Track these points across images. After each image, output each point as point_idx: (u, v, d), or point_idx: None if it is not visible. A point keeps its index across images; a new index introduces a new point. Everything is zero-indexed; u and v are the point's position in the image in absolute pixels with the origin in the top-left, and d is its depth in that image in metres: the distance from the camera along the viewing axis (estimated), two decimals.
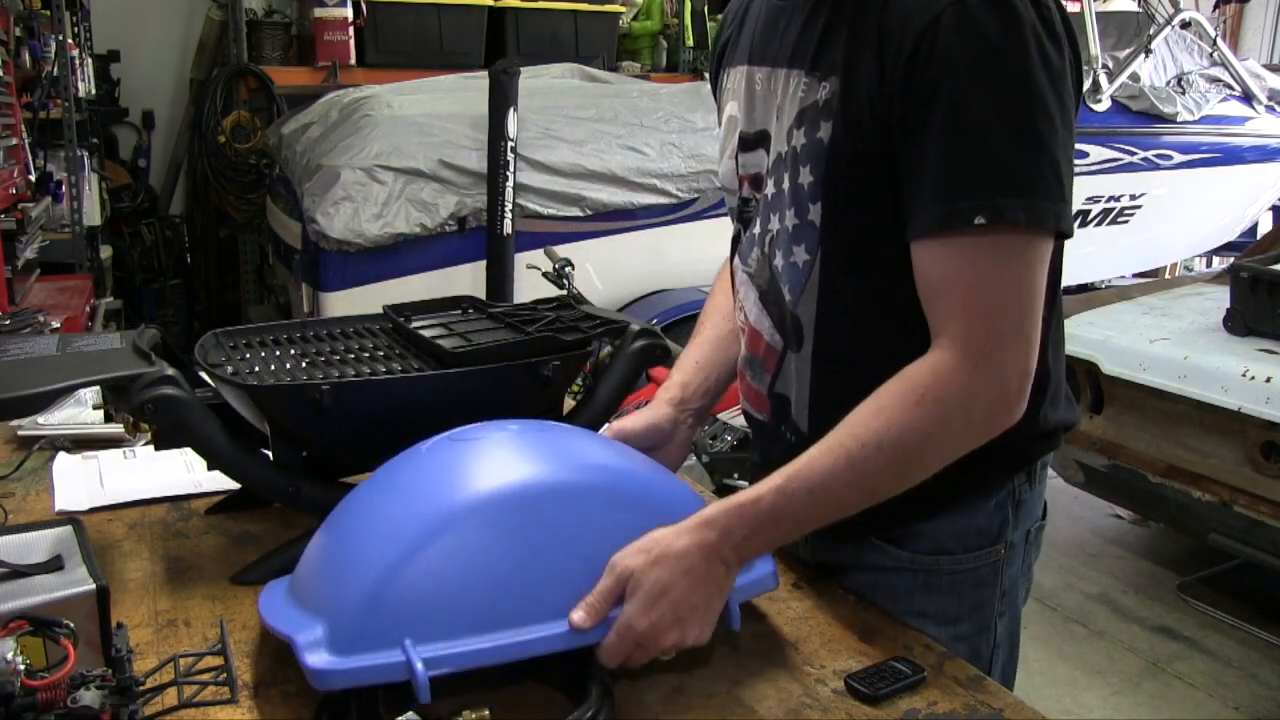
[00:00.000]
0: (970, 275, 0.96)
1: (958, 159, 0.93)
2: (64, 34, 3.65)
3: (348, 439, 1.18)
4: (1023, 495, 1.16)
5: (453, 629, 0.88)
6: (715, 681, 0.99)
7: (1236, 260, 3.35)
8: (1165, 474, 2.94)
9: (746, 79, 1.16)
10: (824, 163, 1.03)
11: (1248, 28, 8.09)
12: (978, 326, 0.95)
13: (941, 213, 0.94)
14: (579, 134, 3.71)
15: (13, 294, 2.98)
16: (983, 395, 0.97)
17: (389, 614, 0.88)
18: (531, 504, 0.93)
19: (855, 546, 1.17)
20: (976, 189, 0.93)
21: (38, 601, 0.86)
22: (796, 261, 1.10)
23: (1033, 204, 0.93)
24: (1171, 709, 2.83)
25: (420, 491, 0.98)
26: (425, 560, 0.89)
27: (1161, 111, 4.62)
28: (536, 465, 0.99)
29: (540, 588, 0.91)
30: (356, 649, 0.87)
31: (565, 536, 0.93)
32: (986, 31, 0.92)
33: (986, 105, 0.92)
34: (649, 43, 5.45)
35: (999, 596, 1.16)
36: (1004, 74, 0.93)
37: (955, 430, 0.98)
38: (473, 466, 0.99)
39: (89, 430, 1.54)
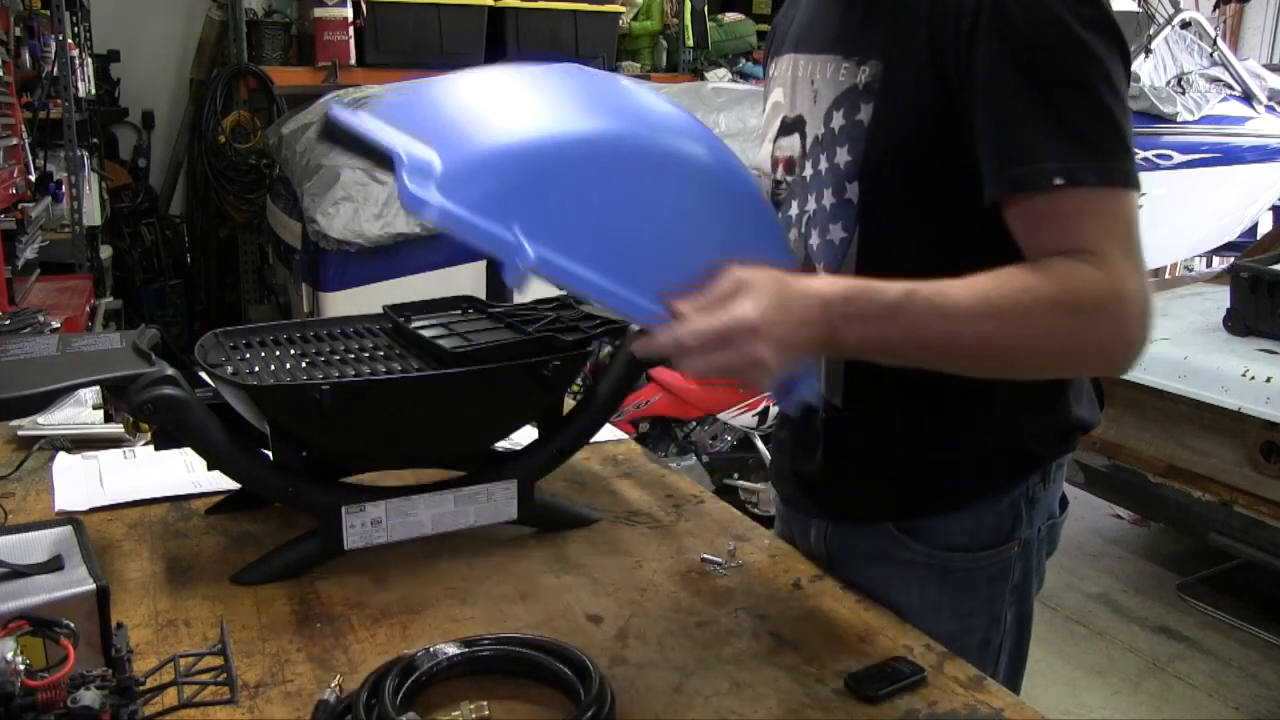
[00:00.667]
0: (1067, 221, 0.96)
1: (1034, 124, 0.96)
2: (64, 34, 3.65)
3: (348, 439, 1.18)
4: (1036, 494, 1.18)
5: (558, 242, 0.81)
6: (715, 681, 0.99)
7: (1236, 260, 3.36)
8: (1165, 474, 2.94)
9: (791, 67, 1.21)
10: (863, 142, 1.08)
11: (1248, 28, 8.09)
12: (1097, 248, 0.95)
13: (1022, 174, 0.96)
14: None
15: (13, 294, 2.98)
16: (1113, 304, 0.94)
17: (516, 191, 0.80)
18: (700, 176, 0.91)
19: (874, 535, 1.20)
20: (1053, 153, 0.95)
21: (38, 601, 0.86)
22: (833, 239, 1.13)
23: (1103, 167, 0.96)
24: (1171, 709, 2.83)
25: (598, 100, 0.92)
26: (566, 161, 0.83)
27: (1161, 111, 4.62)
28: (702, 141, 0.94)
29: (653, 263, 0.87)
30: (467, 203, 0.79)
31: (698, 223, 0.91)
32: (1048, 3, 0.96)
33: (1055, 73, 0.96)
34: (649, 43, 5.45)
35: (1010, 589, 1.20)
36: (1068, 43, 0.96)
37: (1086, 324, 0.95)
38: (648, 104, 0.93)
39: (89, 430, 1.54)
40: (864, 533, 1.21)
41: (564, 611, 1.12)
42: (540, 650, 0.97)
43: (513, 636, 0.99)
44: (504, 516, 1.26)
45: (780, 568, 1.23)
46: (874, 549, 1.20)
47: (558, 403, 1.30)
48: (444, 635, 1.05)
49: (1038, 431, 1.15)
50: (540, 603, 1.13)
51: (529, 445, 1.29)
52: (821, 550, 1.27)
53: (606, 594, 1.15)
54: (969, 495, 1.15)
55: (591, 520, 1.33)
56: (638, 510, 1.38)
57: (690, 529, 1.33)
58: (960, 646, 1.11)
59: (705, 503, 1.41)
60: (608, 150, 0.88)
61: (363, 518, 1.18)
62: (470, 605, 1.12)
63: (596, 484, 1.47)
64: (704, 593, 1.17)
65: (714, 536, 1.30)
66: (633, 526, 1.33)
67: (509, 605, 1.13)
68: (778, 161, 1.22)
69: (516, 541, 1.28)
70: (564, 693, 0.94)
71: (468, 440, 1.28)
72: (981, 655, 1.18)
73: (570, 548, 1.27)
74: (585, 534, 1.30)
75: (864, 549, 1.21)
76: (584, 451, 1.39)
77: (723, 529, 1.33)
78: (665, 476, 1.50)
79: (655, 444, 3.63)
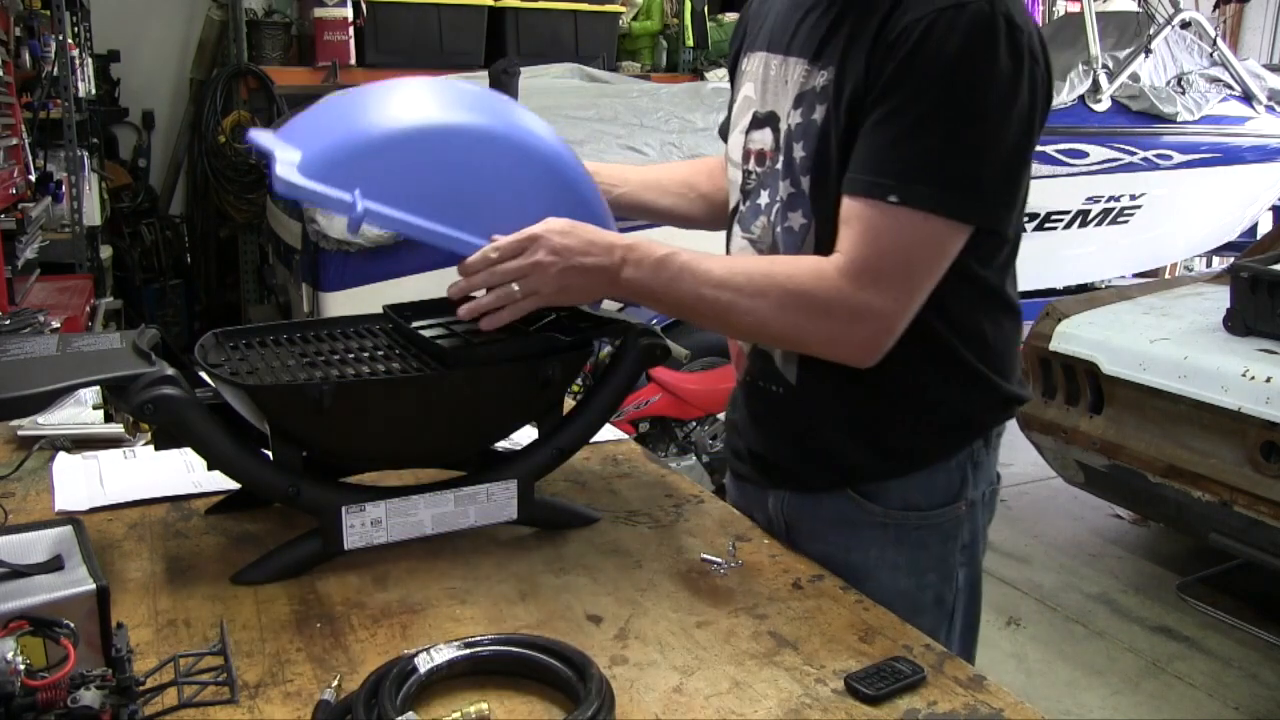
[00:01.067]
0: (875, 231, 1.11)
1: (895, 143, 1.09)
2: (64, 34, 3.65)
3: (348, 439, 1.18)
4: (980, 458, 1.29)
5: (396, 202, 1.11)
6: (715, 681, 0.99)
7: (1236, 260, 3.35)
8: (1165, 474, 2.94)
9: (764, 64, 1.29)
10: (815, 140, 1.18)
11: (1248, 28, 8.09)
12: (863, 263, 1.11)
13: (868, 182, 1.11)
14: (579, 134, 3.70)
15: (13, 294, 2.98)
16: (843, 315, 1.12)
17: (355, 166, 1.10)
18: (504, 148, 1.18)
19: (832, 500, 1.29)
20: (899, 172, 1.09)
21: (38, 601, 0.86)
22: (793, 226, 1.24)
23: (942, 196, 1.08)
24: (1171, 709, 2.83)
25: (402, 100, 1.20)
26: (404, 146, 1.12)
27: (1161, 111, 4.62)
28: (522, 126, 1.23)
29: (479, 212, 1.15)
30: (318, 178, 1.08)
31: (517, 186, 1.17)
32: (961, 44, 1.06)
33: (935, 106, 1.07)
34: (649, 43, 5.45)
35: (960, 549, 1.30)
36: (961, 85, 1.07)
37: (811, 324, 1.14)
38: (460, 100, 1.21)
39: (89, 430, 1.54)
40: (822, 500, 1.30)
41: (564, 611, 1.12)
42: (540, 650, 0.97)
43: (513, 636, 0.99)
44: (504, 516, 1.26)
45: (780, 568, 1.23)
46: (832, 514, 1.29)
47: (558, 403, 1.30)
48: (444, 635, 1.05)
49: (976, 401, 1.27)
50: (540, 603, 1.13)
51: (529, 445, 1.29)
52: (780, 519, 1.35)
53: (606, 594, 1.15)
54: (922, 457, 1.26)
55: (591, 520, 1.33)
56: (638, 510, 1.38)
57: (690, 529, 1.33)
58: (916, 603, 1.23)
59: (705, 503, 1.41)
60: (439, 135, 1.16)
61: (363, 518, 1.18)
62: (470, 605, 1.12)
63: (596, 484, 1.47)
64: (704, 593, 1.17)
65: (714, 536, 1.30)
66: (633, 526, 1.33)
67: (509, 605, 1.13)
68: (749, 153, 1.30)
69: (516, 541, 1.28)
70: (564, 693, 0.94)
71: (468, 440, 1.28)
72: (937, 612, 1.29)
73: (570, 548, 1.27)
74: (585, 534, 1.30)
75: (822, 514, 1.30)
76: (584, 451, 1.39)
77: (723, 529, 1.33)
78: (665, 476, 1.50)
79: (655, 444, 3.64)
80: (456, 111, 1.20)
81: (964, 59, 1.06)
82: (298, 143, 1.13)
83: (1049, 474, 3.56)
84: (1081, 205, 4.55)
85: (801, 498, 1.33)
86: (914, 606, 1.20)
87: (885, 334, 1.13)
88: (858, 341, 1.14)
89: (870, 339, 1.13)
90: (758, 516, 1.37)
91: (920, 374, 1.22)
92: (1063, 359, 3.19)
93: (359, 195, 1.08)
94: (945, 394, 1.25)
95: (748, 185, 1.31)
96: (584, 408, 1.30)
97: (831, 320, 1.13)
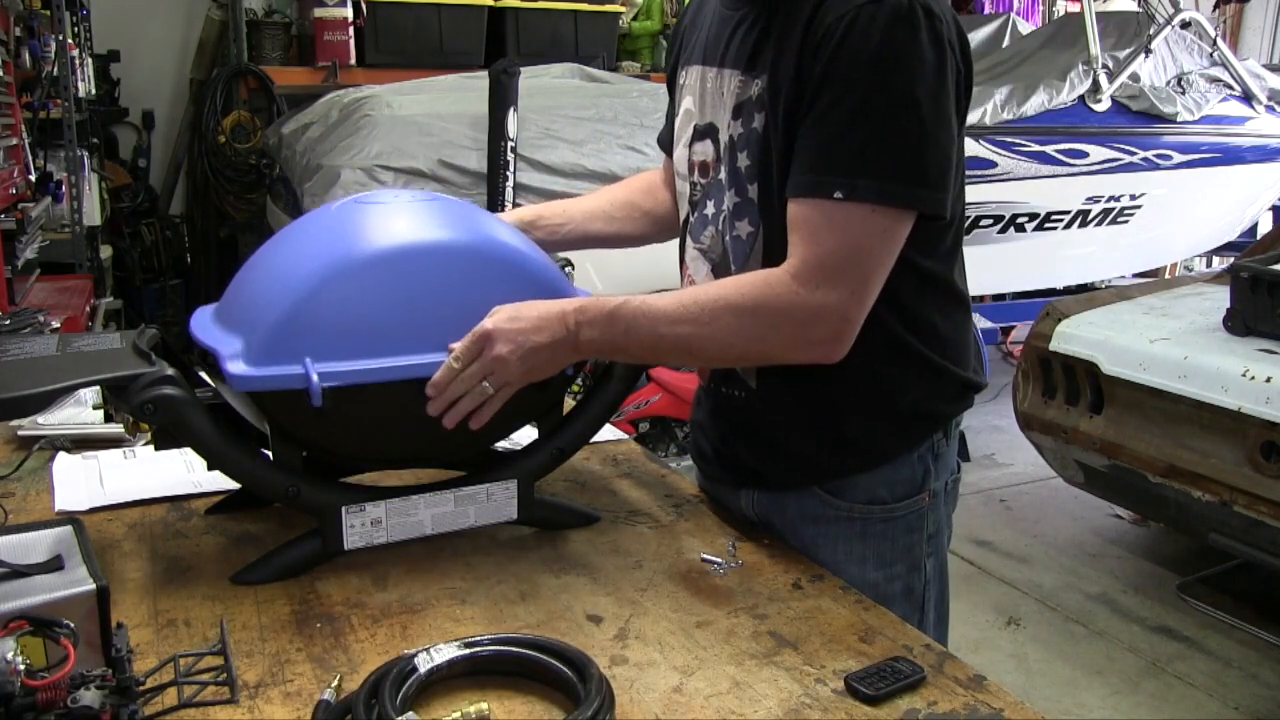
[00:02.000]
0: (821, 230, 1.12)
1: (832, 140, 1.11)
2: (64, 34, 3.65)
3: (348, 439, 1.18)
4: (940, 449, 1.32)
5: (349, 352, 1.09)
6: (715, 681, 0.99)
7: (1236, 260, 3.35)
8: (1165, 474, 2.94)
9: (700, 77, 1.31)
10: (759, 148, 1.20)
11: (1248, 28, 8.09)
12: (813, 263, 1.12)
13: (811, 182, 1.12)
14: (579, 134, 3.71)
15: (13, 294, 2.98)
16: (800, 316, 1.13)
17: (296, 337, 1.08)
18: (419, 257, 1.14)
19: (798, 498, 1.31)
20: (841, 168, 1.10)
21: (38, 601, 0.86)
22: (740, 234, 1.26)
23: (885, 186, 1.10)
24: (1171, 709, 2.83)
25: (327, 241, 1.16)
26: (328, 296, 1.09)
27: (1161, 111, 4.62)
28: (430, 228, 1.18)
29: (427, 326, 1.12)
30: (267, 362, 1.07)
31: (449, 287, 1.14)
32: (882, 36, 1.08)
33: (865, 99, 1.09)
34: (649, 43, 5.45)
35: (926, 539, 1.33)
36: (888, 75, 1.09)
37: (771, 333, 1.15)
38: (374, 224, 1.17)
39: (89, 430, 1.54)
40: (789, 498, 1.32)
41: (564, 611, 1.12)
42: (540, 650, 0.97)
43: (513, 636, 0.99)
44: (504, 516, 1.26)
45: (780, 568, 1.23)
46: (800, 511, 1.31)
47: (558, 403, 1.30)
48: (444, 635, 1.05)
49: (933, 391, 1.29)
50: (540, 603, 1.13)
51: (529, 445, 1.29)
52: (752, 515, 1.37)
53: (606, 594, 1.15)
54: (883, 453, 1.29)
55: (591, 520, 1.33)
56: (638, 510, 1.38)
57: (690, 529, 1.33)
58: (886, 594, 1.27)
59: (705, 503, 1.41)
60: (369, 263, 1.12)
61: (363, 518, 1.18)
62: (470, 605, 1.12)
63: (596, 484, 1.47)
64: (704, 593, 1.17)
65: (714, 536, 1.31)
66: (633, 526, 1.33)
67: (509, 605, 1.13)
68: (693, 165, 1.33)
69: (516, 541, 1.28)
70: (564, 693, 0.94)
71: (468, 440, 1.28)
72: (907, 603, 1.31)
73: (570, 548, 1.27)
74: (585, 534, 1.30)
75: (791, 512, 1.32)
76: (584, 451, 1.39)
77: (723, 529, 1.33)
78: (665, 476, 1.50)
79: (655, 444, 3.64)
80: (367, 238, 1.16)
81: (888, 51, 1.08)
82: (237, 325, 1.12)
83: (1049, 474, 3.56)
84: (1081, 205, 4.55)
85: (770, 496, 1.35)
86: (884, 599, 1.22)
87: (845, 325, 1.14)
88: (819, 340, 1.15)
89: (832, 335, 1.14)
90: (731, 511, 1.39)
91: (877, 368, 1.24)
92: (1063, 359, 3.19)
93: (310, 364, 1.06)
94: (902, 386, 1.27)
95: (694, 196, 1.34)
96: (584, 408, 1.31)
97: (791, 325, 1.14)
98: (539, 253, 1.26)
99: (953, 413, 1.33)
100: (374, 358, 1.10)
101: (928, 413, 1.30)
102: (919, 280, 1.23)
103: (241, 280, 1.21)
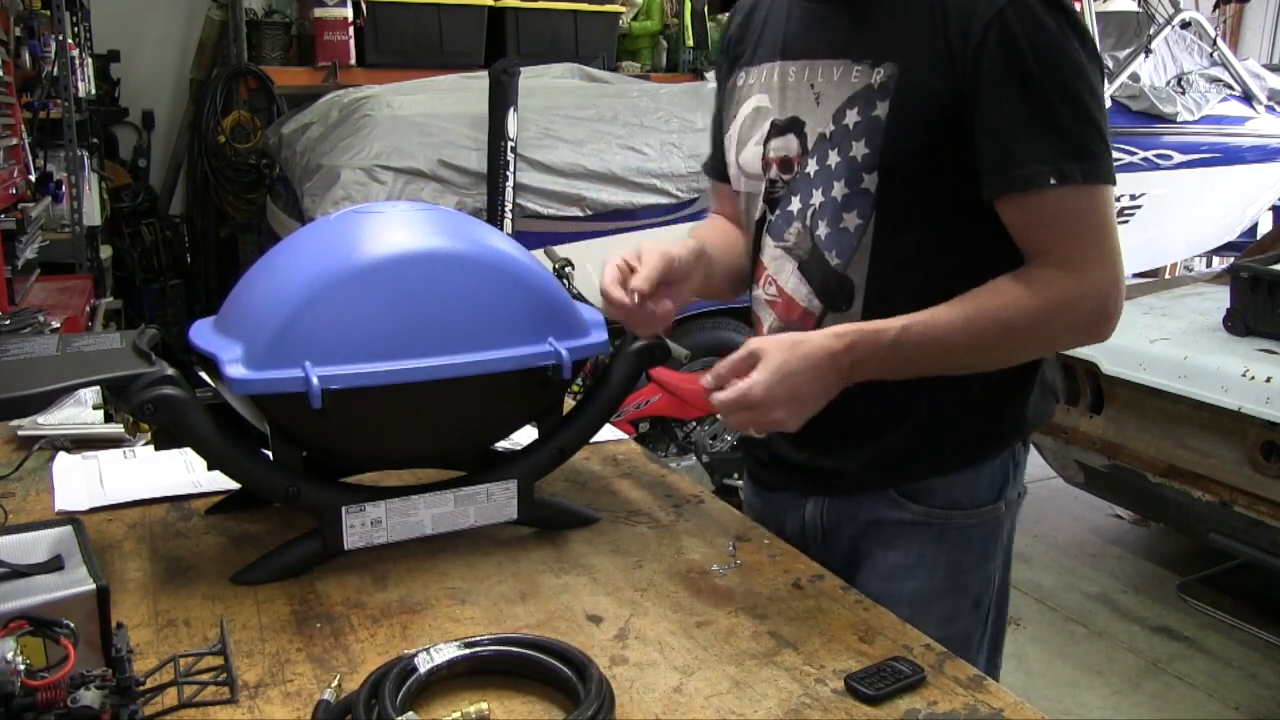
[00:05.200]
0: (1054, 220, 1.14)
1: (1031, 131, 1.12)
2: (64, 34, 3.65)
3: (348, 439, 1.18)
4: (1019, 457, 1.31)
5: (348, 357, 1.10)
6: (715, 681, 0.99)
7: (1236, 260, 3.35)
8: (1165, 474, 2.94)
9: (778, 73, 1.29)
10: (881, 135, 1.17)
11: (1248, 28, 8.09)
12: (1073, 253, 1.14)
13: (1021, 175, 1.12)
14: (579, 134, 3.71)
15: (13, 294, 2.97)
16: (1085, 302, 1.15)
17: (296, 342, 1.09)
18: (416, 264, 1.14)
19: (872, 502, 1.28)
20: (1047, 156, 1.11)
21: (38, 601, 0.86)
22: (848, 227, 1.22)
23: (1088, 166, 1.12)
24: (1171, 709, 2.83)
25: (326, 250, 1.17)
26: (328, 302, 1.10)
27: (1161, 111, 4.62)
28: (426, 236, 1.19)
29: (424, 331, 1.13)
30: (267, 366, 1.08)
31: (446, 292, 1.14)
32: (1047, 25, 1.11)
33: (1050, 87, 1.11)
34: (649, 43, 5.45)
35: (999, 550, 1.30)
36: (1062, 60, 1.11)
37: (1059, 325, 1.16)
38: (374, 233, 1.18)
39: (89, 430, 1.54)
40: (862, 502, 1.29)
41: (564, 611, 1.12)
42: (540, 650, 0.97)
43: (513, 636, 0.99)
44: (504, 516, 1.26)
45: (780, 568, 1.23)
46: (871, 514, 1.29)
47: (558, 403, 1.30)
48: (444, 635, 1.05)
49: (1019, 399, 1.28)
50: (540, 603, 1.13)
51: (529, 445, 1.29)
52: (817, 526, 1.33)
53: (606, 594, 1.15)
54: (967, 456, 1.26)
55: (591, 520, 1.33)
56: (638, 510, 1.38)
57: (690, 529, 1.33)
58: (955, 605, 1.24)
59: (705, 503, 1.41)
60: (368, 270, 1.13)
61: (363, 518, 1.18)
62: (470, 605, 1.12)
63: (596, 484, 1.47)
64: (704, 593, 1.17)
65: (714, 536, 1.30)
66: (633, 526, 1.33)
67: (509, 605, 1.13)
68: (770, 162, 1.30)
69: (516, 541, 1.28)
70: (564, 693, 0.94)
71: (468, 440, 1.28)
72: (974, 615, 1.30)
73: (570, 548, 1.27)
74: (585, 534, 1.30)
75: (862, 516, 1.29)
76: (584, 451, 1.39)
77: (723, 529, 1.33)
78: (665, 476, 1.50)
79: (655, 444, 3.64)
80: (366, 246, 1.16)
81: (1061, 40, 1.11)
82: (237, 332, 1.13)
83: (1049, 474, 3.56)
84: None
85: (842, 501, 1.31)
86: (953, 609, 1.20)
87: (1120, 298, 1.16)
88: (1101, 320, 1.16)
89: (1113, 309, 1.16)
90: (788, 523, 1.35)
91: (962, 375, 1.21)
92: (1063, 359, 3.18)
93: (310, 368, 1.07)
94: (998, 386, 1.24)
95: (774, 194, 1.30)
96: (584, 408, 1.30)
97: (1079, 315, 1.15)
98: (533, 259, 1.26)
99: (1037, 420, 1.30)
100: (373, 361, 1.11)
101: (1015, 417, 1.28)
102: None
103: (241, 290, 1.22)
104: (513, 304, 1.18)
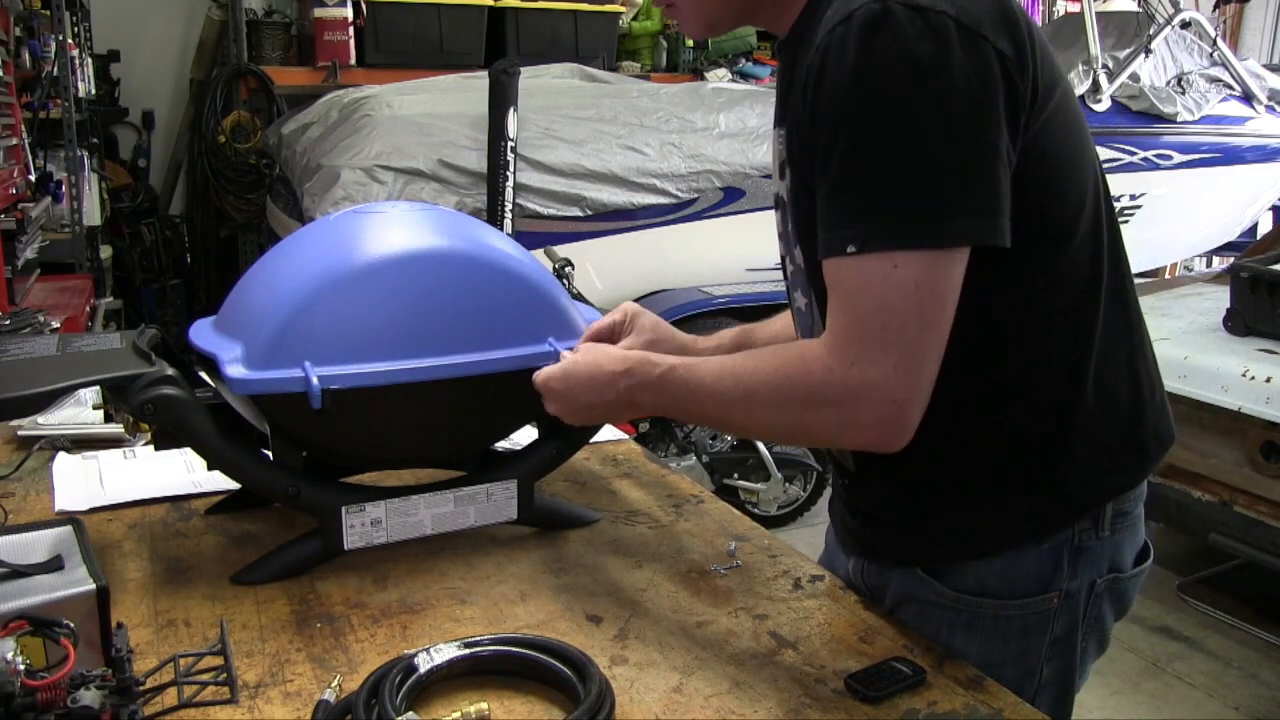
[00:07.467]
0: (845, 294, 0.95)
1: (836, 187, 0.95)
2: (64, 34, 3.65)
3: (348, 439, 1.18)
4: (1085, 542, 1.08)
5: (348, 357, 1.10)
6: (715, 681, 0.99)
7: (1236, 260, 3.35)
8: (1165, 474, 2.94)
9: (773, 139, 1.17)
10: (793, 208, 1.06)
11: (1248, 28, 8.09)
12: (843, 334, 0.95)
13: (824, 241, 0.96)
14: (579, 134, 3.70)
15: (13, 294, 2.97)
16: (836, 396, 0.95)
17: (296, 341, 1.09)
18: (416, 264, 1.15)
19: (901, 574, 1.14)
20: (851, 217, 0.93)
21: (38, 601, 0.86)
22: (800, 307, 1.15)
23: (904, 227, 0.91)
24: (1171, 709, 2.83)
25: (326, 250, 1.18)
26: (327, 302, 1.10)
27: (1161, 111, 4.62)
28: (425, 235, 1.19)
29: (424, 331, 1.13)
30: (267, 366, 1.08)
31: (445, 293, 1.15)
32: (857, 53, 0.91)
33: (854, 133, 0.92)
34: (649, 43, 5.45)
35: (1049, 644, 1.11)
36: (871, 96, 0.91)
37: (810, 415, 0.98)
38: (374, 233, 1.18)
39: (89, 430, 1.54)
40: (893, 572, 1.16)
41: (564, 611, 1.12)
42: (540, 650, 0.97)
43: (513, 636, 0.99)
44: (504, 516, 1.26)
45: (780, 568, 1.23)
46: (902, 588, 1.14)
47: None
48: (444, 635, 1.05)
49: (1062, 472, 1.06)
50: (540, 603, 1.13)
51: (529, 445, 1.29)
52: (860, 584, 1.22)
53: (606, 594, 1.15)
54: (1002, 540, 1.08)
55: (591, 520, 1.33)
56: (638, 510, 1.38)
57: (690, 529, 1.33)
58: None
59: (705, 503, 1.41)
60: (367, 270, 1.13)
61: (363, 518, 1.18)
62: (470, 605, 1.12)
63: (596, 484, 1.47)
64: (704, 593, 1.17)
65: (714, 536, 1.30)
66: (633, 526, 1.33)
67: (509, 605, 1.13)
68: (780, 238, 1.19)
69: (516, 541, 1.28)
70: (564, 693, 0.94)
71: (468, 440, 1.28)
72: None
73: (570, 548, 1.27)
74: (585, 534, 1.30)
75: (894, 587, 1.16)
76: (584, 451, 1.39)
77: (723, 529, 1.33)
78: (665, 476, 1.50)
79: (655, 444, 3.63)
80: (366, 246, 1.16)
81: (866, 68, 0.90)
82: (237, 332, 1.14)
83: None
84: None
85: (876, 567, 1.19)
86: None
87: (897, 409, 0.94)
88: (866, 424, 0.95)
89: (883, 419, 0.95)
90: (838, 572, 1.26)
91: (999, 446, 1.05)
92: None
93: (310, 368, 1.08)
94: (1035, 461, 1.06)
95: (781, 267, 1.21)
96: None
97: (830, 407, 0.96)
98: (533, 259, 1.26)
99: (1100, 496, 1.07)
100: (373, 361, 1.11)
101: (1059, 495, 1.06)
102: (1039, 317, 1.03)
103: (240, 290, 1.22)
104: (512, 304, 1.18)
